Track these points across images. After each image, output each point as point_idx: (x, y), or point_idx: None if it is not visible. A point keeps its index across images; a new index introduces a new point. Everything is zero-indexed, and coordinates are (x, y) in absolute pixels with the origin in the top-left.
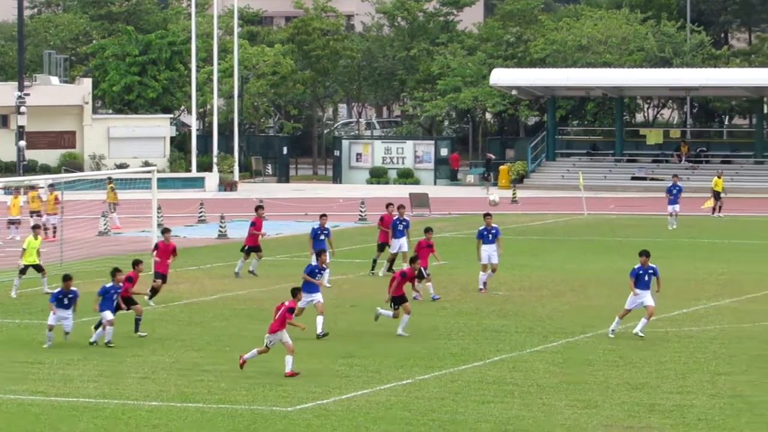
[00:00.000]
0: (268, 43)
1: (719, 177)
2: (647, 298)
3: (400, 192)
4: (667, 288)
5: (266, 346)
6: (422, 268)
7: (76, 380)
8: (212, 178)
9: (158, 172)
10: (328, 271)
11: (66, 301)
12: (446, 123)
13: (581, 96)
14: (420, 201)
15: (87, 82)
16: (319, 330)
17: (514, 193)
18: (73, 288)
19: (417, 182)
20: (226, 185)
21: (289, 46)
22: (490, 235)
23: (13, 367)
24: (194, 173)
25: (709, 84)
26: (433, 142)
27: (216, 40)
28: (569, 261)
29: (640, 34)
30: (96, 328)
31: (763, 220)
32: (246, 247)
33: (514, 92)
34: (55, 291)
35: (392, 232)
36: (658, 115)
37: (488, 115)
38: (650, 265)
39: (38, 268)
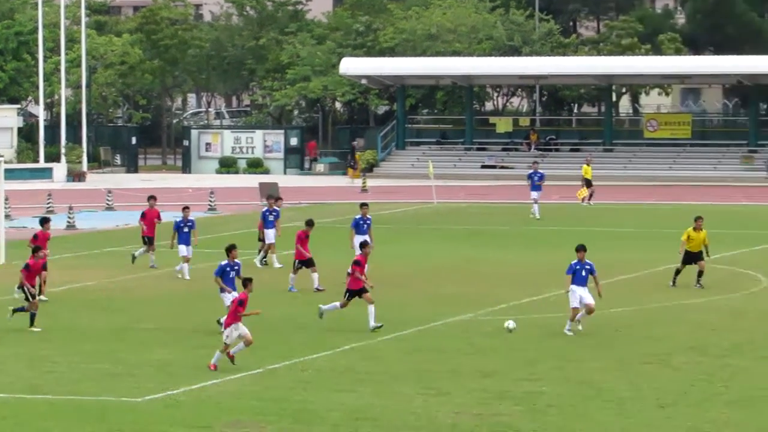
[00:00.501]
0: (116, 32)
1: (588, 164)
2: (586, 294)
3: (249, 182)
4: (516, 277)
5: (224, 343)
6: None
7: None
8: (60, 169)
9: (5, 162)
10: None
11: None
12: (296, 112)
13: (431, 85)
14: (270, 190)
15: None
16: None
17: (364, 182)
18: None
19: (267, 171)
20: (75, 176)
21: (138, 35)
22: (366, 226)
23: None
24: (42, 164)
25: (557, 72)
26: (282, 131)
27: (63, 29)
28: (419, 249)
29: (489, 23)
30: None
31: (611, 208)
32: (146, 238)
33: (363, 81)
34: None
35: (264, 223)
36: (508, 104)
37: (338, 104)
38: (587, 260)
39: None
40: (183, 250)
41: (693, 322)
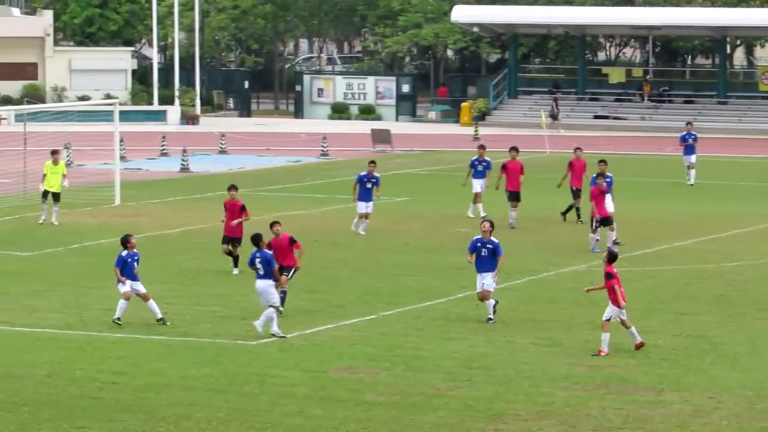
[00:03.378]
0: None
1: None
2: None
3: (362, 128)
4: (631, 228)
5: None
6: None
7: (41, 311)
8: (174, 112)
9: (120, 104)
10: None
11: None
12: (407, 59)
13: (543, 34)
14: (382, 137)
15: (48, 14)
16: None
17: (476, 131)
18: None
19: (379, 118)
20: (188, 119)
21: None
22: (482, 166)
23: None
24: (156, 106)
25: (671, 23)
26: (394, 78)
27: None
28: (532, 199)
29: None
30: None
31: (726, 161)
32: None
33: (475, 29)
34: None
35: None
36: (621, 54)
37: (449, 52)
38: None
39: (56, 197)
40: (362, 206)
41: None
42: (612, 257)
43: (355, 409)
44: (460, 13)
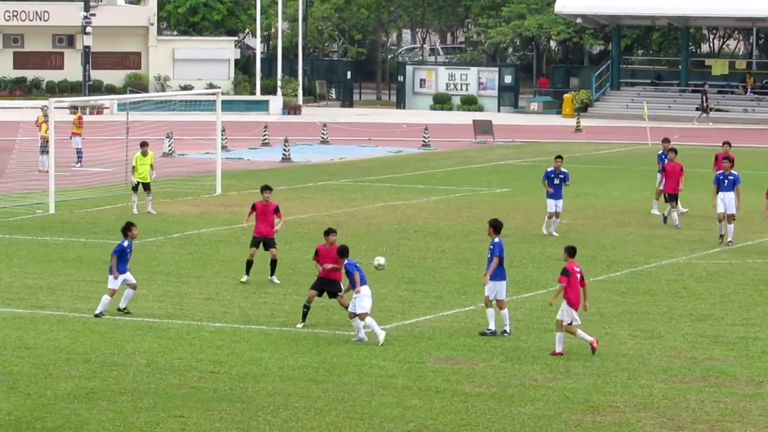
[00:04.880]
0: None
1: None
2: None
3: (464, 118)
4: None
5: None
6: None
7: (140, 300)
8: (276, 102)
9: (222, 94)
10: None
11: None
12: (510, 50)
13: (646, 25)
14: (483, 128)
15: (152, 3)
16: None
17: (578, 122)
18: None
19: (481, 109)
20: (290, 109)
21: None
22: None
23: (78, 286)
24: (258, 96)
25: None
26: (497, 69)
27: None
28: (633, 190)
29: None
30: None
31: None
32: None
33: (578, 20)
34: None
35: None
36: (724, 46)
37: (552, 43)
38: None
39: (146, 187)
40: (551, 204)
41: None
42: (572, 251)
43: (453, 400)
44: (564, 4)
